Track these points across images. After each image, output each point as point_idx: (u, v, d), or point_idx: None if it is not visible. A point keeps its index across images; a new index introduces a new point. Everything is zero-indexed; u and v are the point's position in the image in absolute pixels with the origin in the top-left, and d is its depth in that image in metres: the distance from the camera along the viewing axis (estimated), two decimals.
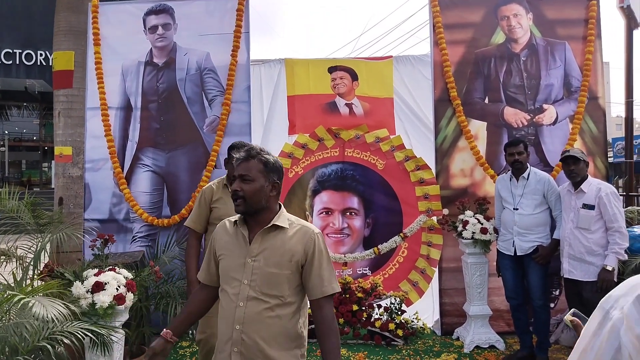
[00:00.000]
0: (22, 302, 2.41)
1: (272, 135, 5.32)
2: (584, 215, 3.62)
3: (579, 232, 3.64)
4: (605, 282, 3.44)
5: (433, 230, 4.79)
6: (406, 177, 4.88)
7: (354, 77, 5.13)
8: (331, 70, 5.17)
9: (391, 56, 5.33)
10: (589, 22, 4.77)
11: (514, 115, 4.74)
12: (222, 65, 4.76)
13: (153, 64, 4.82)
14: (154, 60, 4.82)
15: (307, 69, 5.24)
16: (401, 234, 4.81)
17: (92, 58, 4.81)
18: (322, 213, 5.02)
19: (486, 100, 4.79)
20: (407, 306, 4.66)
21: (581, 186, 3.65)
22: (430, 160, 4.82)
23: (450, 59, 4.77)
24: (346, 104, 5.12)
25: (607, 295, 0.91)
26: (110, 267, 3.15)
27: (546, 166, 4.61)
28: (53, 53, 5.09)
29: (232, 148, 2.94)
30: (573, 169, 3.65)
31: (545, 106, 4.75)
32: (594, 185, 3.64)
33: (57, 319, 2.45)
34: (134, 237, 4.64)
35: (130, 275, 3.15)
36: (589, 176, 3.73)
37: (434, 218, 4.77)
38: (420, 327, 4.57)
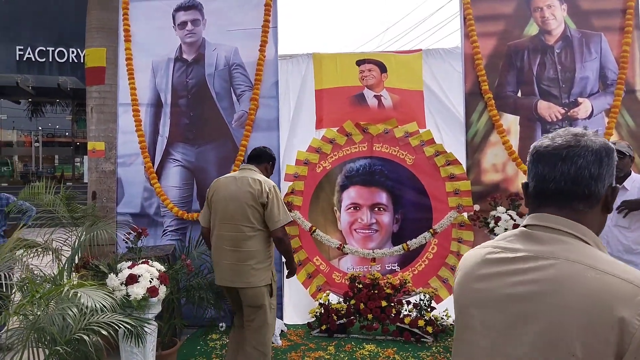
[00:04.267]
0: (71, 292, 2.48)
1: (299, 130, 5.32)
2: None
3: (617, 230, 3.53)
4: None
5: (464, 227, 4.72)
6: (436, 173, 4.82)
7: (383, 69, 5.09)
8: (359, 63, 5.13)
9: (420, 49, 5.26)
10: (626, 12, 4.61)
11: (548, 109, 4.63)
12: (250, 61, 4.78)
13: (182, 59, 4.87)
14: (183, 56, 4.87)
15: (335, 63, 5.22)
16: (431, 230, 4.76)
17: (123, 55, 4.89)
18: (350, 208, 5.00)
19: (519, 94, 4.69)
20: (437, 303, 4.61)
21: (624, 183, 3.52)
22: (461, 155, 4.75)
23: (481, 52, 4.68)
24: (375, 96, 5.08)
25: None
26: (144, 260, 3.21)
27: None
28: (85, 50, 5.20)
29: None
30: (617, 164, 3.52)
31: (580, 100, 4.62)
32: (638, 182, 3.51)
33: (97, 309, 2.51)
34: (164, 231, 4.72)
35: (162, 268, 3.20)
36: (632, 172, 3.61)
37: (465, 214, 4.70)
38: (451, 324, 4.51)
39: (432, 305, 4.48)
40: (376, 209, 4.96)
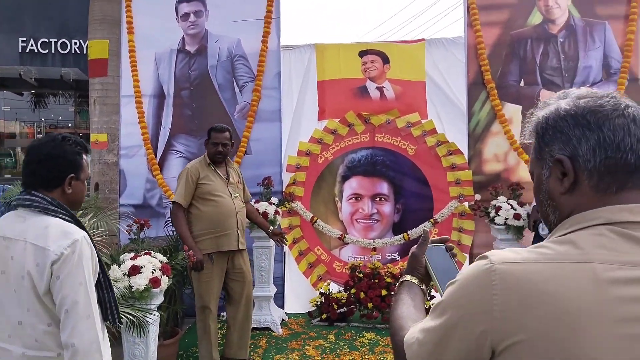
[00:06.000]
0: None
1: (302, 121, 5.31)
2: None
3: None
4: None
5: (465, 216, 4.73)
6: (438, 163, 4.82)
7: (386, 60, 5.07)
8: (362, 54, 5.12)
9: (423, 39, 5.23)
10: (631, 0, 4.57)
11: None
12: (252, 52, 4.77)
13: (185, 51, 4.87)
14: (186, 47, 4.87)
15: (337, 54, 5.21)
16: (432, 220, 4.77)
17: (126, 46, 4.88)
18: (351, 199, 5.02)
19: (521, 83, 4.67)
20: (436, 292, 4.63)
21: None
22: (463, 145, 4.75)
23: (484, 41, 4.66)
24: (377, 88, 5.07)
25: None
26: (146, 251, 3.23)
27: None
28: (88, 42, 5.19)
29: (212, 129, 3.56)
30: None
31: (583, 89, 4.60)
32: None
33: None
34: (166, 222, 4.73)
35: (165, 259, 3.22)
36: None
37: (466, 204, 4.71)
38: None
39: (432, 294, 4.49)
40: (377, 199, 4.97)
